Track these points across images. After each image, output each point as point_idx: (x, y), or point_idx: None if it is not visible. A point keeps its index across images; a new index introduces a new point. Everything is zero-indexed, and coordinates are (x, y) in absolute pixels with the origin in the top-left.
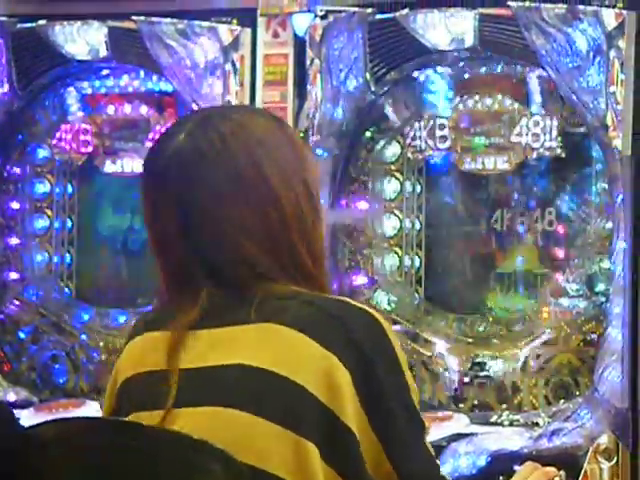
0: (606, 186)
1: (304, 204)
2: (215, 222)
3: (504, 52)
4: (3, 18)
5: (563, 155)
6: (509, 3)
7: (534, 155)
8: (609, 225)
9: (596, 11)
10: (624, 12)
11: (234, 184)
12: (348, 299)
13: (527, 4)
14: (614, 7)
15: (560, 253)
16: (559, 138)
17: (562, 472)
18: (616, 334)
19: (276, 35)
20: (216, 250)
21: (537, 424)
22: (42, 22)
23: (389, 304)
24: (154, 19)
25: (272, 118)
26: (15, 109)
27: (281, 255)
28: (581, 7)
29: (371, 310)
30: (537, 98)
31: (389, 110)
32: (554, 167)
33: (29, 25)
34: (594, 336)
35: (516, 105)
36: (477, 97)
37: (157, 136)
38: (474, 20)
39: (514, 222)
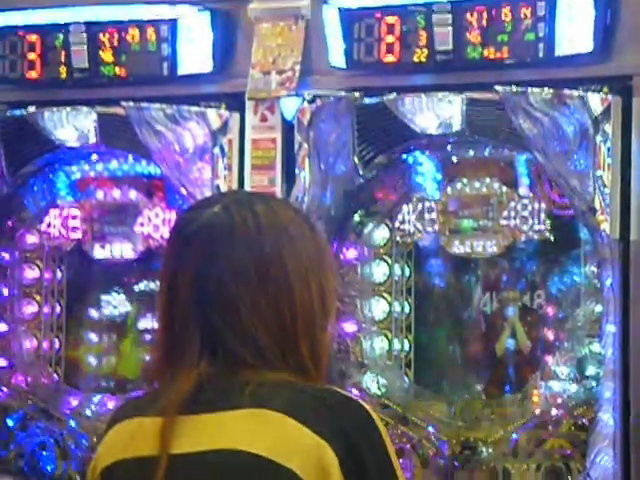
0: (595, 269)
1: (316, 305)
2: (230, 297)
3: (492, 136)
4: None
5: (552, 238)
6: (496, 88)
7: (523, 238)
8: (598, 308)
9: (582, 96)
10: (610, 97)
11: (255, 265)
12: (339, 389)
13: (514, 89)
14: (600, 92)
15: (550, 336)
16: (547, 221)
17: None
18: (607, 418)
19: (264, 119)
20: (225, 324)
21: None
22: (32, 109)
23: (379, 388)
24: (143, 104)
25: (304, 216)
26: (4, 195)
27: (285, 345)
28: (567, 92)
29: (361, 401)
30: (525, 181)
31: (377, 194)
32: (543, 250)
33: (19, 112)
34: (585, 420)
35: (504, 188)
36: (465, 180)
37: (191, 204)
38: (462, 104)
39: (503, 304)
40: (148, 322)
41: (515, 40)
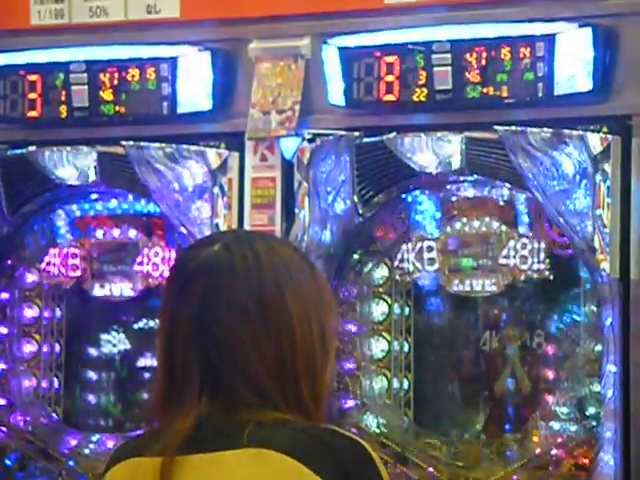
0: (595, 308)
1: (317, 343)
2: (230, 336)
3: (491, 175)
4: None
5: (551, 277)
6: (495, 127)
7: (522, 277)
8: (599, 347)
9: (582, 135)
10: (609, 137)
11: (256, 303)
12: (339, 428)
13: (513, 128)
14: (599, 132)
15: (550, 375)
16: (547, 260)
17: None
18: (608, 459)
19: (264, 158)
20: (225, 363)
21: None
22: (32, 148)
23: (378, 427)
24: (142, 144)
25: (303, 255)
26: (4, 234)
27: (285, 384)
28: (567, 131)
29: (360, 440)
30: (524, 220)
31: (377, 233)
32: (542, 289)
33: (19, 151)
34: (586, 461)
35: (503, 227)
36: (465, 219)
37: (191, 243)
38: (461, 143)
39: (503, 344)
40: (147, 360)
41: (514, 79)
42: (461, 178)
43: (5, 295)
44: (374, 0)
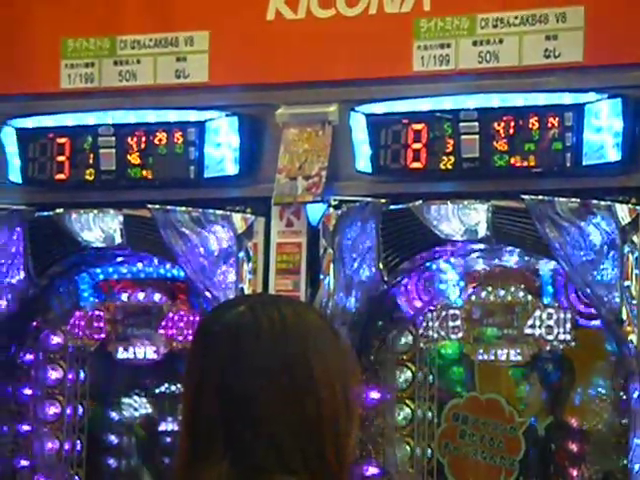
0: (622, 381)
1: (341, 408)
2: (254, 399)
3: (517, 244)
4: (22, 207)
5: (576, 348)
6: (522, 196)
7: (547, 347)
8: (625, 421)
9: (609, 206)
10: (638, 208)
11: (281, 367)
12: None
13: (540, 198)
14: (628, 203)
15: (574, 448)
16: (573, 331)
17: None
18: None
19: (290, 224)
20: (248, 427)
21: None
22: (59, 210)
23: None
24: (169, 207)
25: (327, 321)
26: (30, 296)
27: (309, 449)
28: (595, 202)
29: None
30: (550, 290)
31: (401, 300)
32: (567, 360)
33: (46, 213)
34: None
35: (529, 297)
36: (490, 288)
37: (216, 305)
38: (487, 212)
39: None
40: (169, 425)
41: (542, 149)
42: (487, 247)
43: (30, 357)
44: (402, 67)
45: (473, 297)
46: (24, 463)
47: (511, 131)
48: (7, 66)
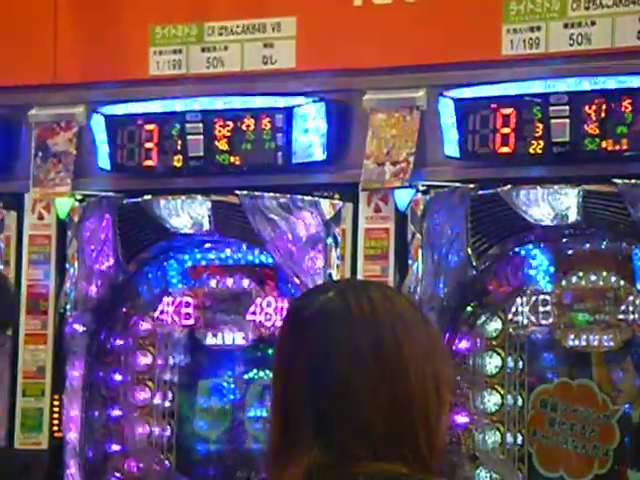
0: None
1: (431, 392)
2: (345, 384)
3: (609, 228)
4: (110, 194)
5: None
6: (614, 180)
7: None
8: None
9: None
10: None
11: (372, 351)
12: None
13: (633, 181)
14: None
15: None
16: None
17: None
18: None
19: (378, 210)
20: (339, 412)
21: None
22: (148, 197)
23: None
24: (257, 193)
25: (416, 306)
26: (119, 282)
27: (401, 432)
28: None
29: None
30: None
31: (490, 286)
32: None
33: (135, 200)
34: None
35: (622, 282)
36: (581, 273)
37: (305, 291)
38: (578, 197)
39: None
40: (257, 411)
41: (635, 132)
42: (577, 231)
43: (120, 342)
44: (491, 51)
45: (563, 282)
46: (115, 448)
47: (602, 114)
48: (97, 54)
